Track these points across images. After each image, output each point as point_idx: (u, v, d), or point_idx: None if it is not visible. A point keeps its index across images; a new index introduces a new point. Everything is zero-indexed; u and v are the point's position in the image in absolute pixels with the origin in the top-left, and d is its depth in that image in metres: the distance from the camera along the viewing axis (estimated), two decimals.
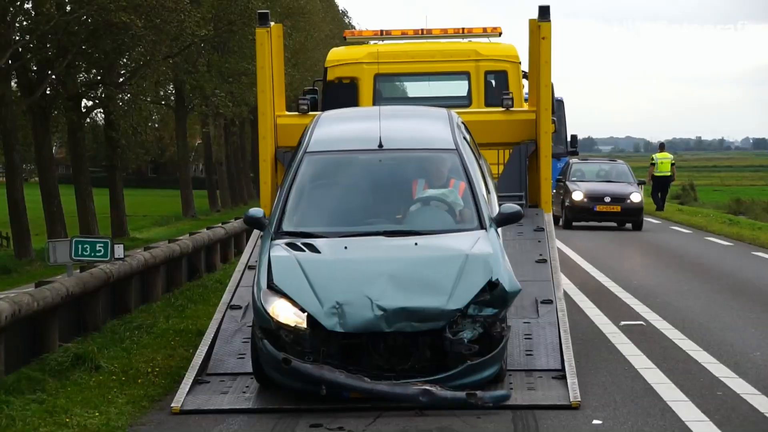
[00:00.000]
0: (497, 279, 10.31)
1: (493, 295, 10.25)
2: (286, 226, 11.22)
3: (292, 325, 10.11)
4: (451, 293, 10.18)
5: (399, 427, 9.40)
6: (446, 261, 10.48)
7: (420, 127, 12.68)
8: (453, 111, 13.20)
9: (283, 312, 10.16)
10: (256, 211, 11.50)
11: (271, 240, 11.02)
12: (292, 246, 10.82)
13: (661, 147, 42.47)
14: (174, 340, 13.99)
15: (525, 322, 11.61)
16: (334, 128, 12.66)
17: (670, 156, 41.33)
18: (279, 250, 10.77)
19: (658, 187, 40.81)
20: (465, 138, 12.41)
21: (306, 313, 10.13)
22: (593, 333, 14.12)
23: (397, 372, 10.10)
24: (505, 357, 10.47)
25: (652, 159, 41.02)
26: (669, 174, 40.31)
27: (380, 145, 11.77)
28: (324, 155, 11.95)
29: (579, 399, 10.04)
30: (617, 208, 32.72)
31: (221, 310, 12.04)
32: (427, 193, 11.46)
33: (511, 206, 11.51)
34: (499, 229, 11.48)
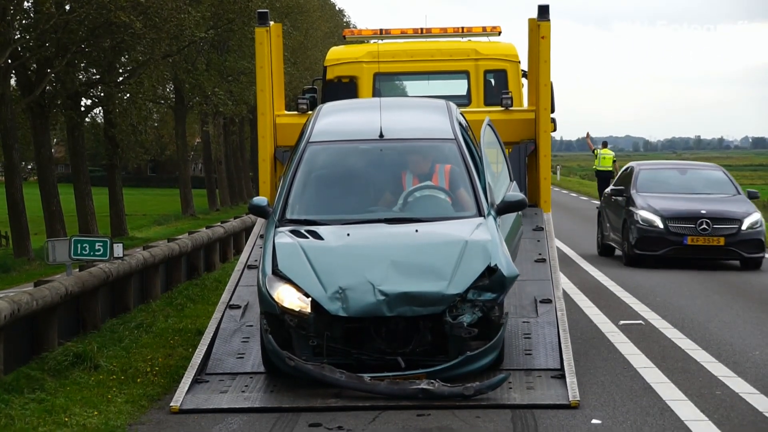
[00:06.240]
0: (496, 264, 10.51)
1: (492, 280, 10.45)
2: (290, 214, 11.45)
3: (297, 309, 10.32)
4: (451, 278, 10.39)
5: (398, 427, 9.40)
6: (446, 247, 10.68)
7: (419, 118, 12.84)
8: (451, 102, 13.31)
9: (288, 297, 10.37)
10: (260, 200, 11.82)
11: (276, 227, 11.21)
12: (296, 233, 11.03)
13: (604, 144, 44.16)
14: (173, 339, 13.99)
15: (524, 322, 11.64)
16: (336, 119, 12.83)
17: (612, 153, 42.94)
18: (283, 237, 10.97)
19: (602, 183, 42.48)
20: (464, 128, 12.60)
21: (310, 298, 10.34)
22: (592, 332, 14.12)
23: (398, 355, 10.30)
24: (503, 344, 10.62)
25: (596, 153, 42.76)
26: (611, 169, 41.91)
27: (381, 135, 11.97)
28: (326, 145, 12.13)
29: (578, 398, 10.04)
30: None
31: (220, 310, 12.07)
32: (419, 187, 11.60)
33: (515, 194, 11.74)
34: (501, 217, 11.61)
